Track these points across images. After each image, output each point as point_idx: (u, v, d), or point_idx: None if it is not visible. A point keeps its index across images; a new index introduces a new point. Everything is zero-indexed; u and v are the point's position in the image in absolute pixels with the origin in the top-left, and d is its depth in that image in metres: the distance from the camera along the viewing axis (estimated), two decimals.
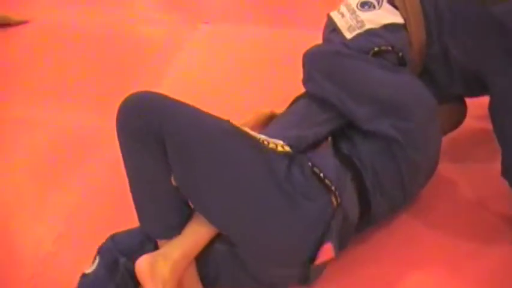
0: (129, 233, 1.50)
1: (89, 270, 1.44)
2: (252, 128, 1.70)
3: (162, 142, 1.34)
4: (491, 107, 1.59)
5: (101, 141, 2.02)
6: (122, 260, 1.43)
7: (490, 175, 1.76)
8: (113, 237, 1.48)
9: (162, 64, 2.51)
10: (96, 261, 1.44)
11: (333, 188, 1.41)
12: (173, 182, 1.39)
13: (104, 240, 1.49)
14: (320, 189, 1.41)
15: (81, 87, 2.42)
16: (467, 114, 1.88)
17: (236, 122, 1.70)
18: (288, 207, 1.37)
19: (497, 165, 1.62)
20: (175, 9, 3.02)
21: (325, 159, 1.46)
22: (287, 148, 1.42)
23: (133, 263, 1.38)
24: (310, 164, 1.42)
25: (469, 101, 1.85)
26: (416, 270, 1.56)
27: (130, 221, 1.46)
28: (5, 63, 2.62)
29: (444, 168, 1.77)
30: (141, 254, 1.39)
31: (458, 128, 1.88)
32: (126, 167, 1.42)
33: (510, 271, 1.55)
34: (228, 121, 1.43)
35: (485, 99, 1.63)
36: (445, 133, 1.79)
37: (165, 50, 2.65)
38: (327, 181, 1.41)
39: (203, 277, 1.47)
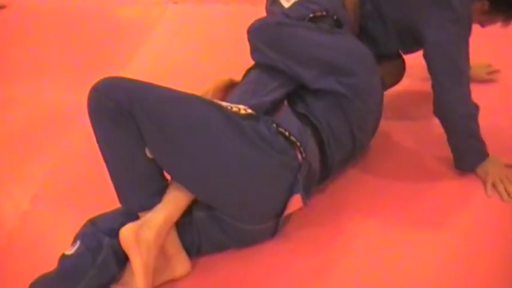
0: (107, 216, 1.54)
1: (69, 251, 1.46)
2: (213, 95, 1.80)
3: (133, 118, 1.41)
4: (425, 55, 1.73)
5: (76, 114, 2.10)
6: (106, 239, 1.45)
7: (429, 127, 1.95)
8: (92, 222, 1.51)
9: (135, 43, 2.66)
10: (77, 244, 1.46)
11: (298, 143, 1.53)
12: (148, 154, 1.46)
13: (78, 214, 1.53)
14: (286, 145, 1.52)
15: (57, 66, 2.54)
16: (412, 76, 2.03)
17: (198, 90, 1.84)
18: (259, 160, 1.46)
19: (435, 119, 1.78)
20: None
21: (288, 119, 1.57)
22: (249, 111, 1.52)
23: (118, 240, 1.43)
24: (274, 125, 1.53)
25: (411, 62, 1.99)
26: (368, 214, 1.71)
27: (103, 184, 1.54)
28: None
29: (388, 124, 1.95)
30: None
31: (398, 83, 2.03)
32: (101, 148, 1.49)
33: (449, 204, 1.73)
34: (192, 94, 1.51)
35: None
36: (386, 88, 1.93)
37: (138, 29, 2.80)
38: (292, 138, 1.52)
39: (187, 246, 1.54)
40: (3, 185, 1.92)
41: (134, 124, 1.42)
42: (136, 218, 1.50)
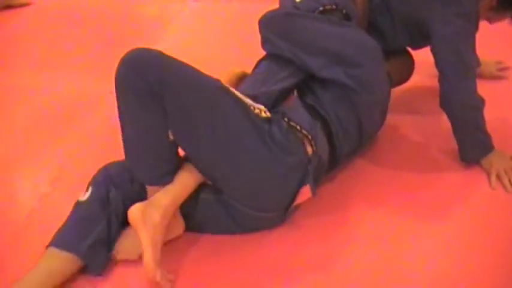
0: (121, 165, 1.60)
1: (83, 198, 1.56)
2: None
3: (161, 99, 1.43)
4: (432, 49, 1.77)
5: (95, 103, 2.20)
6: (113, 191, 1.55)
7: (436, 121, 1.99)
8: (106, 168, 1.60)
9: (153, 38, 2.72)
10: (90, 190, 1.56)
11: (309, 137, 1.58)
12: (170, 136, 1.49)
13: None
14: (297, 142, 1.56)
15: (77, 58, 2.62)
16: (421, 73, 2.07)
17: None
18: (271, 159, 1.52)
19: (443, 114, 1.83)
20: None
21: (299, 113, 1.62)
22: (268, 114, 1.57)
23: (122, 195, 1.55)
24: (286, 119, 1.58)
25: (421, 59, 2.03)
26: (375, 204, 1.75)
27: None
28: (7, 39, 2.85)
29: (396, 118, 2.00)
30: (130, 189, 1.56)
31: (407, 81, 2.06)
32: (121, 119, 1.51)
33: (455, 196, 1.77)
34: (219, 81, 1.54)
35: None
36: (394, 85, 1.96)
37: (156, 25, 2.87)
38: (304, 131, 1.57)
39: (191, 226, 1.61)
40: (23, 168, 2.00)
41: (160, 106, 1.44)
42: None
